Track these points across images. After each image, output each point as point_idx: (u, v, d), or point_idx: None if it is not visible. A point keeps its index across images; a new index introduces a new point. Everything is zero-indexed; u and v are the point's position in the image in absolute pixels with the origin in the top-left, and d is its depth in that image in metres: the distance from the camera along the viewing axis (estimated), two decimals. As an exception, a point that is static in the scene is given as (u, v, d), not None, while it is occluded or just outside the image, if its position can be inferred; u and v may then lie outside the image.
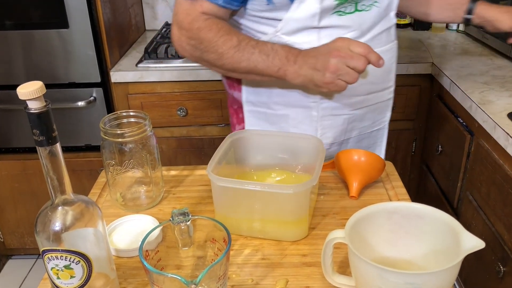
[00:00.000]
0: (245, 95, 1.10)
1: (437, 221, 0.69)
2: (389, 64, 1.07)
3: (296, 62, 0.92)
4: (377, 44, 1.01)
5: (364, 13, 0.98)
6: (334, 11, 0.96)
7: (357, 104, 1.07)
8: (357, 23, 0.98)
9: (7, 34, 1.72)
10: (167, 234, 0.73)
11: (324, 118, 1.06)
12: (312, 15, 0.94)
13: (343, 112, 1.07)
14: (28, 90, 0.54)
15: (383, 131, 1.19)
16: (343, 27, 0.98)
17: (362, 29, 0.99)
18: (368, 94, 1.08)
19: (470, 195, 1.43)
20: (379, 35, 1.02)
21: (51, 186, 0.61)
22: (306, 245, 0.82)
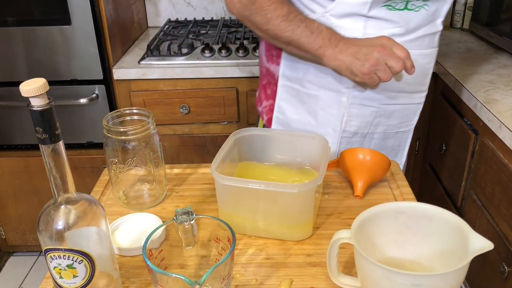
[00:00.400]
0: (283, 69, 1.12)
1: (445, 222, 0.68)
2: (426, 69, 1.08)
3: (337, 46, 0.95)
4: (419, 46, 1.03)
5: (412, 12, 0.99)
6: (385, 4, 0.97)
7: (386, 100, 1.08)
8: (404, 20, 0.99)
9: (9, 31, 1.72)
10: (171, 233, 0.72)
11: (352, 106, 1.07)
12: (364, 3, 0.96)
13: (372, 104, 1.07)
14: (31, 87, 0.54)
15: (408, 134, 1.18)
16: (391, 21, 0.99)
17: (408, 27, 1.00)
18: (400, 92, 1.08)
19: (474, 194, 1.42)
20: (422, 38, 1.03)
21: (54, 184, 0.60)
22: (311, 245, 0.81)
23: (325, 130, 1.10)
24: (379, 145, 1.14)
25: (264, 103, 1.20)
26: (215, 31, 2.05)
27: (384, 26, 0.99)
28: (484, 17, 1.87)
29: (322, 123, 1.11)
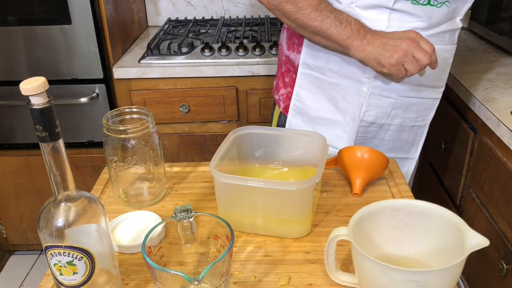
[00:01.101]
0: (304, 57, 1.14)
1: (442, 219, 0.69)
2: (445, 65, 1.10)
3: (365, 38, 0.97)
4: (440, 41, 1.05)
5: (434, 8, 1.01)
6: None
7: (405, 92, 1.10)
8: (427, 15, 1.02)
9: (10, 30, 1.72)
10: (170, 230, 0.72)
11: (372, 96, 1.08)
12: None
13: (391, 95, 1.09)
14: (31, 85, 0.54)
15: (424, 129, 1.20)
16: (414, 15, 1.01)
17: (430, 22, 1.02)
18: (419, 85, 1.10)
19: (473, 192, 1.42)
20: (443, 33, 1.06)
21: (54, 182, 0.61)
22: (309, 242, 0.82)
23: (344, 118, 1.13)
24: (393, 137, 1.17)
25: (282, 91, 1.22)
26: (215, 30, 2.05)
27: (408, 20, 1.02)
28: (484, 16, 1.87)
29: (342, 111, 1.14)
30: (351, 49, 0.99)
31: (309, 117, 1.20)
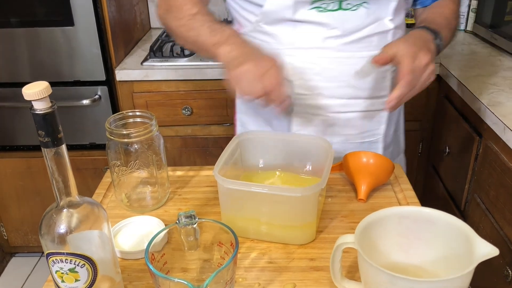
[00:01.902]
0: None
1: (449, 227, 0.68)
2: (381, 72, 1.01)
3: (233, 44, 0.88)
4: (366, 48, 0.98)
5: (349, 12, 0.95)
6: (313, 6, 0.94)
7: (336, 107, 1.02)
8: (338, 22, 0.95)
9: (13, 32, 1.72)
10: (173, 236, 0.72)
11: (298, 115, 1.03)
12: (286, 7, 0.94)
13: (319, 112, 1.03)
14: (33, 90, 0.53)
15: (377, 145, 1.09)
16: (322, 24, 0.95)
17: (345, 28, 0.96)
18: (351, 98, 1.02)
19: (478, 197, 1.41)
20: (368, 38, 0.98)
21: (56, 188, 0.60)
22: (314, 249, 0.81)
23: None
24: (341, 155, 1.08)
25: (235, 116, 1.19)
26: (218, 33, 2.04)
27: (315, 30, 0.96)
28: (488, 19, 1.86)
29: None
30: (217, 55, 0.89)
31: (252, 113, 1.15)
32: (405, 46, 0.87)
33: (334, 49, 0.97)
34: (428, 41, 0.91)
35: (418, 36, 0.92)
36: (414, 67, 0.84)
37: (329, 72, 0.99)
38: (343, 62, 0.98)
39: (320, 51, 0.98)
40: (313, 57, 0.98)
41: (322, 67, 0.99)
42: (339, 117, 1.04)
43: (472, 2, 1.98)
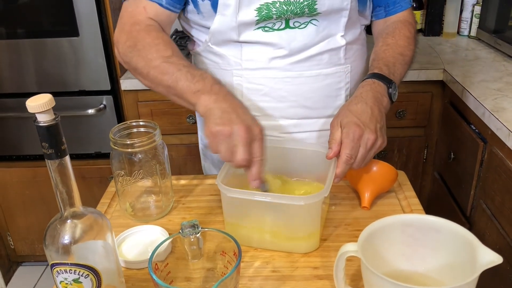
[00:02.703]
0: None
1: (453, 235, 0.68)
2: (333, 90, 1.00)
3: (217, 94, 0.81)
4: (316, 66, 0.97)
5: (297, 30, 0.94)
6: (258, 27, 0.93)
7: (288, 128, 1.02)
8: (285, 41, 0.94)
9: (19, 43, 1.74)
10: (176, 245, 0.72)
11: None
12: (231, 29, 0.93)
13: (271, 133, 1.00)
14: (37, 103, 0.54)
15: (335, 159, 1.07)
16: (268, 44, 0.95)
17: (292, 47, 0.94)
18: (303, 118, 1.01)
19: (483, 203, 1.40)
20: (318, 56, 0.96)
21: (60, 199, 0.60)
22: (318, 257, 0.81)
23: None
24: None
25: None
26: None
27: (261, 50, 0.95)
28: (492, 25, 1.86)
29: None
30: (198, 103, 0.82)
31: (212, 161, 1.16)
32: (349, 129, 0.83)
33: (280, 69, 0.97)
34: (380, 98, 0.89)
35: (370, 95, 0.88)
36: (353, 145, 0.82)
37: (277, 92, 0.98)
38: (291, 82, 0.97)
39: (266, 72, 0.97)
40: (260, 78, 0.98)
41: (270, 88, 0.98)
42: (292, 137, 1.03)
43: (476, 7, 1.98)
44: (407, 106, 1.78)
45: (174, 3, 0.95)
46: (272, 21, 0.93)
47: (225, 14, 0.92)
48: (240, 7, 0.91)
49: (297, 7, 0.91)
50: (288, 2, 0.90)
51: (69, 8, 1.67)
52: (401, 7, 1.04)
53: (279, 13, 0.91)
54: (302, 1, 0.91)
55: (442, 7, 2.04)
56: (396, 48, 0.99)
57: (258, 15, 0.91)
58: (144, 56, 0.89)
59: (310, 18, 0.93)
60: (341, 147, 0.83)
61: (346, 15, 0.95)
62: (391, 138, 1.83)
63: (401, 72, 0.98)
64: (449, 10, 2.01)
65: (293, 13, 0.92)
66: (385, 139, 0.87)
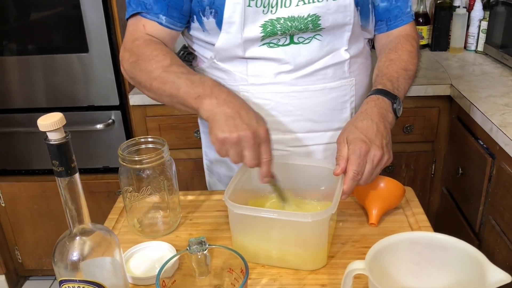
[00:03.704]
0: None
1: (461, 253, 0.67)
2: (338, 103, 1.01)
3: (218, 98, 0.82)
4: (321, 80, 0.98)
5: (301, 46, 0.95)
6: (263, 43, 0.94)
7: (294, 142, 1.02)
8: (290, 56, 0.95)
9: (29, 59, 1.77)
10: (184, 261, 0.72)
11: None
12: (236, 46, 0.94)
13: (278, 147, 1.01)
14: (48, 122, 0.55)
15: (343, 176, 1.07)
16: (273, 60, 0.96)
17: (297, 62, 0.96)
18: (309, 132, 1.02)
19: (493, 219, 1.39)
20: (323, 70, 0.97)
21: (69, 216, 0.61)
22: (325, 275, 0.80)
23: None
24: None
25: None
26: (229, 56, 2.08)
27: (267, 66, 0.96)
28: (499, 40, 1.86)
29: (234, 165, 1.06)
30: (200, 108, 0.82)
31: (219, 177, 1.17)
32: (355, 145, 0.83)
33: (286, 83, 0.98)
34: (385, 114, 0.89)
35: (375, 111, 0.89)
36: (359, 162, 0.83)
37: (284, 107, 0.99)
38: (297, 96, 0.98)
39: (272, 87, 0.98)
40: (266, 92, 0.99)
41: (276, 102, 0.99)
42: (299, 151, 1.03)
43: (482, 23, 1.98)
44: (414, 121, 1.78)
45: (175, 22, 0.97)
46: (277, 37, 0.94)
47: (230, 31, 0.93)
48: (245, 24, 0.92)
49: (301, 23, 0.92)
50: (292, 18, 0.92)
51: (79, 24, 1.70)
52: (402, 21, 1.05)
53: (283, 29, 0.92)
54: (306, 17, 0.92)
55: (448, 22, 2.04)
56: (400, 63, 1.00)
57: (263, 31, 0.93)
58: (145, 69, 0.91)
59: (314, 33, 0.95)
60: (348, 163, 0.84)
61: (349, 29, 0.96)
62: (398, 153, 1.84)
63: (405, 86, 0.98)
64: (456, 25, 2.02)
65: (297, 29, 0.93)
66: (391, 155, 0.87)
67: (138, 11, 0.95)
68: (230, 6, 0.91)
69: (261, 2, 0.91)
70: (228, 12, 0.91)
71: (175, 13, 0.95)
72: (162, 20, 0.95)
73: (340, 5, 0.93)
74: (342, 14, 0.93)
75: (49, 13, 1.72)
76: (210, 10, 0.94)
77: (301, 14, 0.92)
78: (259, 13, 0.91)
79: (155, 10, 0.94)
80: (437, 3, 2.04)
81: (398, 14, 1.05)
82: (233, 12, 0.91)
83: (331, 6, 0.92)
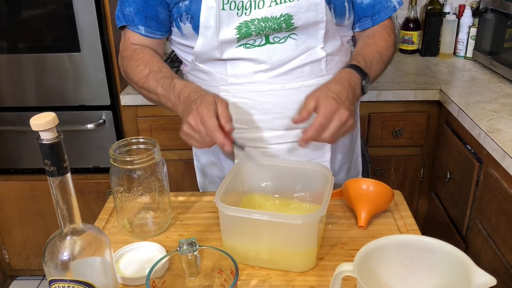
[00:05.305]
0: None
1: (448, 256, 0.68)
2: None
3: (183, 103, 0.92)
4: (298, 78, 0.99)
5: (276, 45, 0.98)
6: (240, 44, 0.97)
7: (274, 139, 1.04)
8: (266, 56, 0.98)
9: (20, 57, 1.76)
10: (174, 262, 0.72)
11: (239, 148, 1.00)
12: (213, 48, 0.98)
13: (259, 145, 1.04)
14: (41, 121, 0.55)
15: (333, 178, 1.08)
16: (250, 60, 0.98)
17: (273, 61, 0.98)
18: (288, 129, 1.03)
19: (479, 223, 1.41)
20: (299, 68, 0.99)
21: (61, 215, 0.61)
22: (314, 276, 0.81)
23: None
24: None
25: None
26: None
27: (244, 65, 0.99)
28: (487, 46, 1.89)
29: (226, 167, 1.11)
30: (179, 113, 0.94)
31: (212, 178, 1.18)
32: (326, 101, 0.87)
33: (264, 82, 1.00)
34: (354, 86, 0.93)
35: (347, 81, 0.93)
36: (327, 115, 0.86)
37: (262, 105, 1.01)
38: (275, 94, 1.01)
39: (251, 86, 1.01)
40: (245, 92, 1.01)
41: (255, 101, 1.01)
42: (279, 148, 1.05)
43: (471, 29, 2.01)
44: (404, 125, 1.80)
45: (154, 31, 1.04)
46: (253, 37, 0.97)
47: (206, 35, 0.96)
48: (221, 27, 0.95)
49: (274, 23, 0.95)
50: (265, 19, 0.94)
51: (71, 23, 1.69)
52: (385, 14, 1.08)
53: (258, 29, 0.95)
54: (279, 17, 0.94)
55: (439, 28, 2.07)
56: (375, 47, 1.04)
57: (238, 33, 0.95)
58: (132, 79, 1.03)
59: (288, 32, 0.97)
60: (317, 115, 0.86)
61: (323, 27, 0.98)
62: (387, 157, 1.86)
63: (376, 69, 1.02)
64: (446, 31, 2.04)
65: (271, 29, 0.96)
66: (354, 122, 0.90)
67: (124, 24, 1.06)
68: (205, 11, 0.94)
69: (234, 5, 0.93)
70: (204, 17, 0.95)
71: (153, 23, 1.03)
72: (141, 30, 1.04)
73: (311, 3, 0.95)
74: (313, 12, 0.95)
75: (41, 11, 1.71)
76: (186, 15, 0.98)
77: (274, 14, 0.94)
78: (233, 16, 0.94)
79: (135, 22, 1.04)
80: (427, 9, 2.07)
81: (381, 9, 1.07)
82: (208, 16, 0.94)
83: (302, 4, 0.94)
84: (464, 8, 2.05)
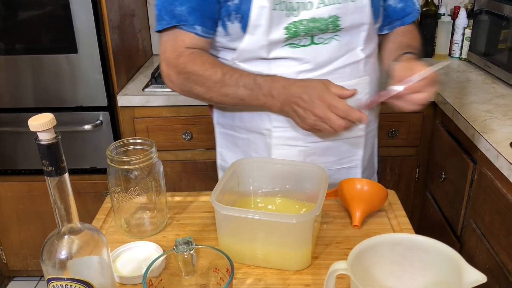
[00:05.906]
0: (216, 116, 1.14)
1: (440, 254, 0.70)
2: (355, 101, 1.00)
3: (279, 99, 0.95)
4: (339, 78, 1.00)
5: (321, 46, 0.99)
6: (286, 44, 0.98)
7: (313, 138, 1.05)
8: (311, 56, 0.99)
9: (17, 58, 1.76)
10: (170, 261, 0.73)
11: (277, 147, 1.05)
12: (261, 47, 0.98)
13: (297, 143, 1.05)
14: (39, 122, 0.56)
15: (356, 170, 1.12)
16: (295, 59, 0.99)
17: (317, 62, 1.00)
18: None
19: (474, 223, 1.43)
20: (341, 69, 1.02)
21: (58, 215, 0.62)
22: (309, 275, 0.82)
23: None
24: None
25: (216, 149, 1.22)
26: (218, 59, 2.09)
27: (289, 65, 1.00)
28: (482, 47, 1.91)
29: None
30: (269, 109, 0.99)
31: None
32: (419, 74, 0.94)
33: None
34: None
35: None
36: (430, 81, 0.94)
37: None
38: None
39: None
40: None
41: None
42: (317, 146, 1.06)
43: (466, 30, 2.03)
44: (399, 125, 1.82)
45: (209, 30, 1.01)
46: (299, 38, 0.98)
47: (255, 34, 0.97)
48: (271, 27, 0.96)
49: (322, 24, 0.97)
50: (313, 20, 0.96)
51: (68, 25, 1.70)
52: (413, 16, 1.15)
53: (306, 30, 0.97)
54: (327, 18, 0.97)
55: (434, 29, 2.09)
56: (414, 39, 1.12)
57: (287, 33, 0.96)
58: (201, 84, 1.00)
59: (333, 34, 0.99)
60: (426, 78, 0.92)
61: (365, 29, 1.01)
62: (383, 157, 1.87)
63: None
64: (441, 32, 2.06)
65: (319, 30, 0.97)
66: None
67: (173, 24, 0.98)
68: (257, 10, 0.94)
69: (285, 5, 0.95)
70: (255, 15, 0.95)
71: (209, 22, 0.99)
72: (198, 30, 0.99)
73: (358, 5, 0.98)
74: (359, 14, 0.98)
75: (38, 12, 1.72)
76: (236, 15, 0.97)
77: (322, 15, 0.96)
78: (283, 16, 0.96)
79: (190, 22, 0.98)
80: (423, 10, 2.08)
81: (410, 11, 1.13)
82: (260, 16, 0.95)
83: (350, 6, 0.97)
84: (459, 10, 2.06)
